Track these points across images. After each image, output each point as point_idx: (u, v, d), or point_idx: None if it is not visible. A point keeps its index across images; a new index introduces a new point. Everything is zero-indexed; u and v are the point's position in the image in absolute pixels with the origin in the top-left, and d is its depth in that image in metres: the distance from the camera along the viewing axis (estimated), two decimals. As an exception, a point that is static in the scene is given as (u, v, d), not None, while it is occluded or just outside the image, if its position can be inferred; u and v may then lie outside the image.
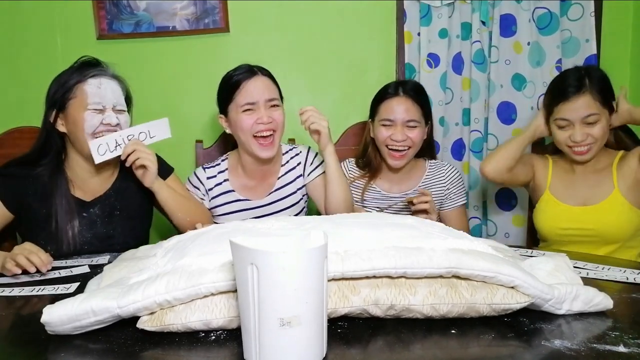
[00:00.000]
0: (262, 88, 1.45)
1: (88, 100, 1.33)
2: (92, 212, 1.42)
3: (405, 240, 0.87)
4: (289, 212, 1.57)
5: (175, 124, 1.56)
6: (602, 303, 0.85)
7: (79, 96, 1.34)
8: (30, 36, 1.98)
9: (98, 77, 1.36)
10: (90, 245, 1.40)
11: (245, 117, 1.44)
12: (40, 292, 1.05)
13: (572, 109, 1.42)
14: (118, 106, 1.38)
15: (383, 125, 1.55)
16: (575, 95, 1.42)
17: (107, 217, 1.43)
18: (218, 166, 1.59)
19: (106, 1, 1.95)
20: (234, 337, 0.78)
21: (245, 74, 1.46)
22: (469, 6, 1.93)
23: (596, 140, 1.43)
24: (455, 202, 1.67)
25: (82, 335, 0.80)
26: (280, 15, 2.01)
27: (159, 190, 1.39)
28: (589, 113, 1.40)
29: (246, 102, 1.44)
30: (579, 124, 1.42)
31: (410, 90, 1.55)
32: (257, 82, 1.45)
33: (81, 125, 1.33)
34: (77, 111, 1.34)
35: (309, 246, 0.71)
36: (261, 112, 1.44)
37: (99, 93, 1.34)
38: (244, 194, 1.56)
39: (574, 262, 1.07)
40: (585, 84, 1.41)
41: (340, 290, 0.81)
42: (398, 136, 1.51)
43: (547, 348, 0.74)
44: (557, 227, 1.51)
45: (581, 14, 1.90)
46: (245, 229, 1.00)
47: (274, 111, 1.47)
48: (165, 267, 0.86)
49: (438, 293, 0.81)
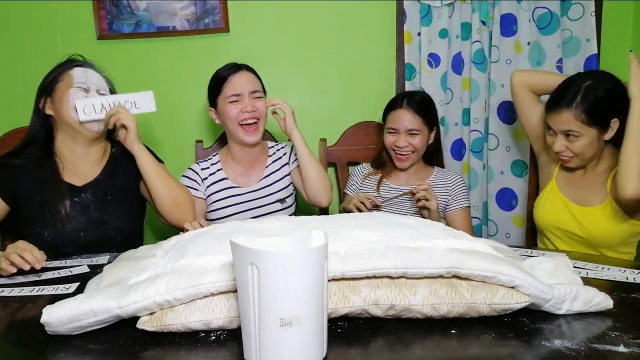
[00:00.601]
0: (246, 81, 1.61)
1: (74, 81, 1.41)
2: (84, 197, 1.44)
3: (406, 241, 0.87)
4: (278, 196, 1.69)
5: (175, 124, 1.56)
6: (602, 303, 0.85)
7: (66, 79, 1.42)
8: (31, 36, 1.98)
9: (85, 67, 1.45)
10: (85, 232, 1.41)
11: (232, 106, 1.60)
12: (40, 292, 1.05)
13: (555, 120, 1.42)
14: (102, 90, 1.45)
15: (389, 132, 1.72)
16: (561, 108, 1.40)
17: (100, 202, 1.45)
18: (210, 160, 1.72)
19: (106, 1, 1.95)
20: (234, 337, 0.78)
21: (231, 69, 1.63)
22: (469, 6, 1.93)
23: (576, 154, 1.43)
24: (459, 204, 1.73)
25: (82, 335, 0.80)
26: (280, 16, 2.01)
27: (138, 152, 1.43)
28: (569, 128, 1.40)
29: (232, 93, 1.60)
30: (560, 135, 1.43)
31: (414, 102, 1.70)
32: (242, 76, 1.62)
33: (66, 100, 1.40)
34: (63, 90, 1.41)
35: (310, 246, 0.71)
36: (245, 102, 1.59)
37: (84, 76, 1.43)
38: (236, 182, 1.68)
39: (574, 262, 1.07)
40: (576, 100, 1.38)
41: (341, 290, 0.81)
42: (401, 143, 1.69)
43: (547, 348, 0.74)
44: (555, 219, 1.52)
45: (582, 13, 1.90)
46: (245, 228, 1.00)
47: (257, 101, 1.61)
48: (165, 267, 0.86)
49: (438, 293, 0.81)
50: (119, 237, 1.44)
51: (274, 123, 1.66)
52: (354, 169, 1.86)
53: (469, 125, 2.00)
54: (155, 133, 2.03)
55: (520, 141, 1.97)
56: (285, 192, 1.71)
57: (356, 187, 1.81)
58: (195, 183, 1.66)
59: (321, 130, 2.05)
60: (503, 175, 2.00)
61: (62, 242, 1.38)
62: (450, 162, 2.02)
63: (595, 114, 1.37)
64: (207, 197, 1.67)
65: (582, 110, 1.37)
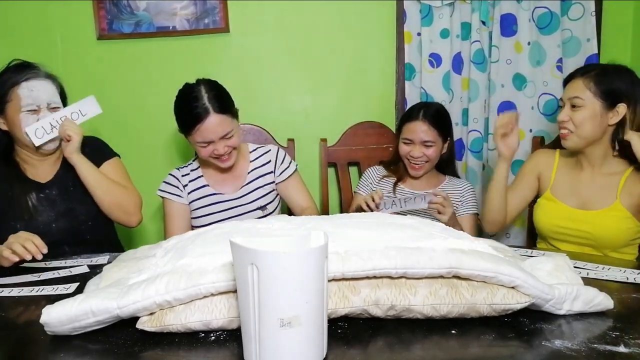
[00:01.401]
0: (215, 127, 1.48)
1: (21, 103, 1.43)
2: (48, 192, 1.51)
3: (406, 241, 0.86)
4: (260, 203, 1.65)
5: (175, 124, 1.56)
6: (602, 303, 0.85)
7: (14, 100, 1.44)
8: (31, 36, 1.98)
9: (31, 80, 1.45)
10: (57, 223, 1.49)
11: (203, 149, 1.53)
12: (39, 292, 1.05)
13: (567, 89, 1.47)
14: (52, 104, 1.48)
15: (404, 142, 1.73)
16: (575, 77, 1.45)
17: (64, 195, 1.52)
18: (190, 165, 1.68)
19: (106, 1, 1.95)
20: (234, 337, 0.78)
21: (199, 115, 1.47)
22: (468, 6, 1.93)
23: (576, 126, 1.43)
24: (467, 210, 1.75)
25: (82, 335, 0.80)
26: (280, 16, 2.01)
27: (77, 163, 1.47)
28: (575, 95, 1.43)
29: (202, 140, 1.51)
30: (567, 104, 1.46)
31: (430, 115, 1.70)
32: (210, 123, 1.47)
33: (19, 125, 1.44)
34: (14, 114, 1.44)
35: (310, 246, 0.71)
36: (217, 145, 1.52)
37: (31, 95, 1.44)
38: (217, 188, 1.65)
39: (574, 262, 1.07)
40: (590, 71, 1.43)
41: (341, 290, 0.81)
42: (416, 153, 1.70)
43: (548, 348, 0.74)
44: (554, 224, 1.51)
45: (582, 13, 1.90)
46: (245, 229, 1.00)
47: (229, 141, 1.53)
48: (165, 267, 0.86)
49: (438, 293, 0.81)
50: (89, 222, 1.53)
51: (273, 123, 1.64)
52: (367, 171, 1.86)
53: (468, 125, 2.00)
54: (155, 133, 2.03)
55: (520, 141, 1.96)
56: (267, 198, 1.66)
57: (371, 187, 1.81)
58: (176, 189, 1.63)
59: (321, 130, 2.05)
60: (503, 176, 2.00)
61: (36, 233, 1.31)
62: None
63: (603, 86, 1.40)
64: (190, 202, 1.63)
65: (592, 80, 1.41)
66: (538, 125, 1.97)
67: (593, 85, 1.40)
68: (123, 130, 2.02)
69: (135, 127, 2.04)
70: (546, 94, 1.92)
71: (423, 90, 1.97)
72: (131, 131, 2.04)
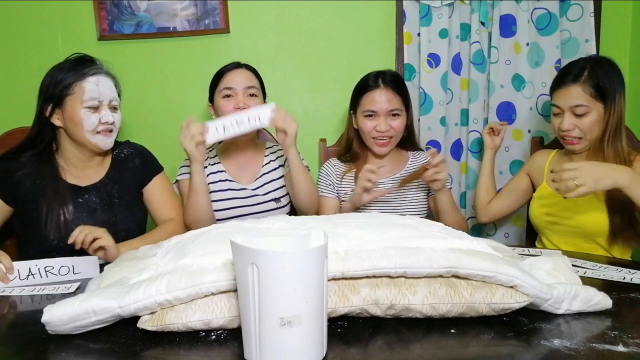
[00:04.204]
0: (242, 77, 1.61)
1: (84, 97, 1.37)
2: (88, 198, 1.43)
3: (405, 240, 0.87)
4: (274, 195, 1.67)
5: (176, 125, 1.56)
6: (601, 303, 0.85)
7: (77, 93, 1.38)
8: (32, 37, 1.99)
9: (96, 75, 1.40)
10: None
11: (225, 102, 1.59)
12: (40, 291, 1.05)
13: (563, 96, 1.44)
14: (114, 101, 1.44)
15: (366, 116, 1.59)
16: (568, 84, 1.43)
17: (107, 205, 1.45)
18: (208, 153, 1.70)
19: (107, 2, 1.95)
20: (234, 336, 0.78)
21: (230, 66, 1.64)
22: (468, 7, 1.93)
23: (584, 132, 1.43)
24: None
25: (83, 334, 0.80)
26: (280, 16, 2.01)
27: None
28: (578, 103, 1.41)
29: (225, 86, 1.59)
30: (568, 112, 1.44)
31: (390, 81, 1.59)
32: (239, 73, 1.62)
33: (80, 123, 1.38)
34: (74, 108, 1.38)
35: (309, 246, 0.72)
36: (239, 98, 1.58)
37: (97, 90, 1.39)
38: (232, 176, 1.68)
39: (573, 262, 1.08)
40: (583, 75, 1.42)
41: (340, 289, 0.81)
42: (382, 127, 1.57)
43: (546, 347, 0.74)
44: (543, 212, 1.53)
45: (581, 14, 1.90)
46: (245, 228, 1.00)
47: (251, 100, 1.60)
48: (166, 267, 0.86)
49: (437, 293, 0.81)
50: (127, 239, 1.40)
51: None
52: (324, 169, 1.73)
53: (468, 125, 2.00)
54: (156, 133, 2.03)
55: (519, 142, 1.98)
56: (281, 191, 1.69)
57: (333, 187, 1.69)
58: None
59: (321, 130, 2.05)
60: (502, 176, 2.00)
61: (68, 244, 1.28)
62: (450, 161, 2.02)
63: (602, 89, 1.40)
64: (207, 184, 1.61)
65: (591, 85, 1.40)
66: (537, 126, 1.97)
67: (592, 90, 1.40)
68: (123, 130, 2.02)
69: (135, 128, 2.04)
70: (545, 94, 1.93)
71: (422, 91, 1.97)
72: (131, 131, 2.04)
